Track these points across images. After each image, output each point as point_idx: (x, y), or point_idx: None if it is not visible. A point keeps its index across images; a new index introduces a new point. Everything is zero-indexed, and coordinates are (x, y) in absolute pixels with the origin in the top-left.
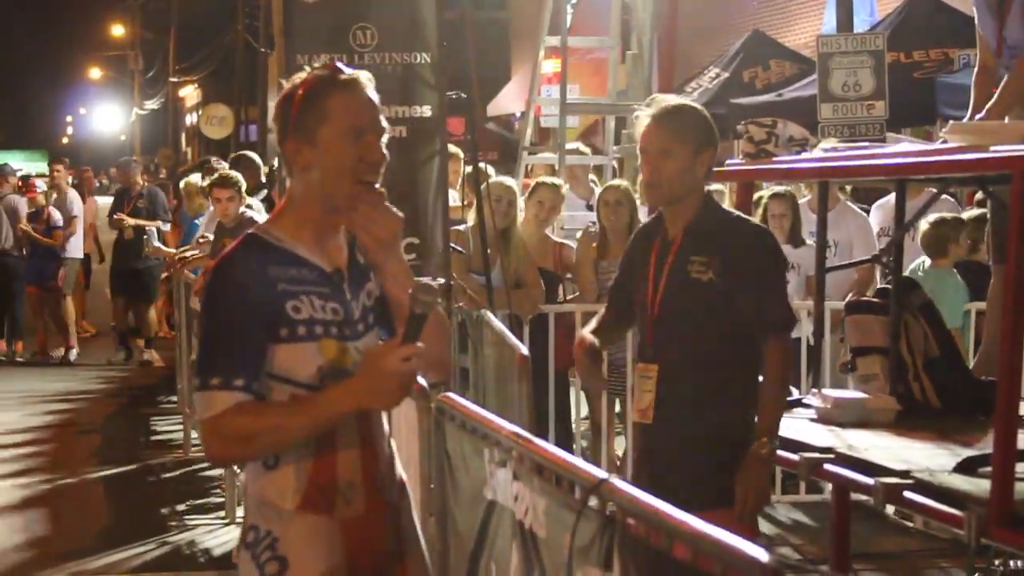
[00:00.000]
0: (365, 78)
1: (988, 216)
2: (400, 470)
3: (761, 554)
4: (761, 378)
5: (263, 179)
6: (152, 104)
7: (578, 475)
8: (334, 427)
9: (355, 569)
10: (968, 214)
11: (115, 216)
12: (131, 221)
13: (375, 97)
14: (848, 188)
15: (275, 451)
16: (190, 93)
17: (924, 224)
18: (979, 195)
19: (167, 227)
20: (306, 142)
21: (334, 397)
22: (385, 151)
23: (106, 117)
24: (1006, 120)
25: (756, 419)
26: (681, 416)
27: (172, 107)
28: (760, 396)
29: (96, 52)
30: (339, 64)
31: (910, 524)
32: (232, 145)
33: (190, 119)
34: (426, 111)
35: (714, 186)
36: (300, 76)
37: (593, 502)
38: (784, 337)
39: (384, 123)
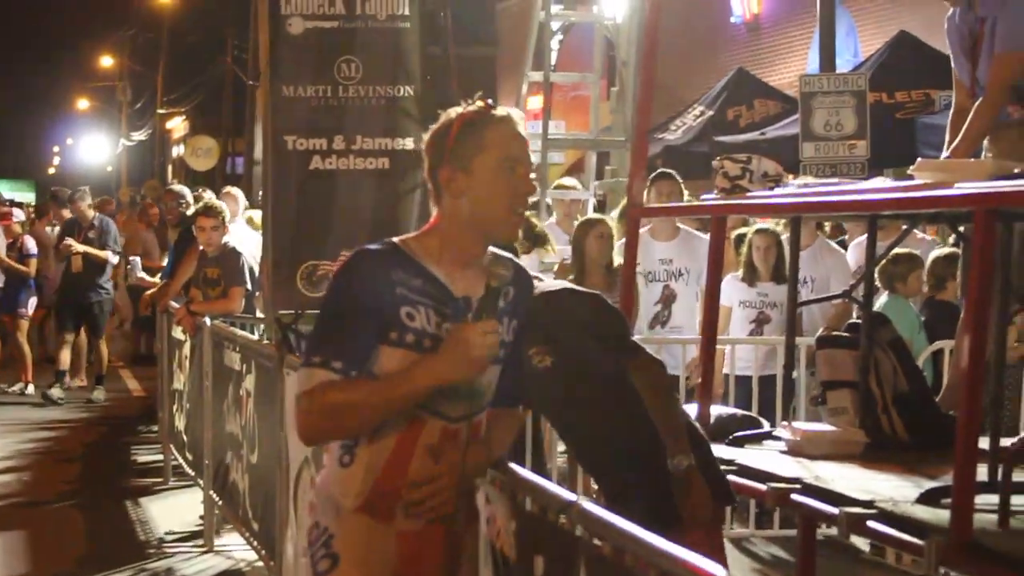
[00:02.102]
0: (517, 115)
1: (960, 254)
2: (481, 500)
3: (719, 571)
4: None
5: (186, 212)
6: (139, 135)
7: (549, 497)
8: (415, 440)
9: None
10: (935, 253)
11: (63, 243)
12: (79, 247)
13: (525, 133)
14: (827, 226)
15: (363, 429)
16: (178, 125)
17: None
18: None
19: (115, 259)
20: (461, 170)
21: (417, 372)
22: (535, 184)
23: (93, 148)
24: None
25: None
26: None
27: (159, 138)
28: (653, 417)
29: (84, 83)
30: (490, 101)
31: (883, 560)
32: (217, 177)
33: (177, 151)
34: (409, 144)
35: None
36: (455, 110)
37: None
38: (638, 357)
39: (533, 159)
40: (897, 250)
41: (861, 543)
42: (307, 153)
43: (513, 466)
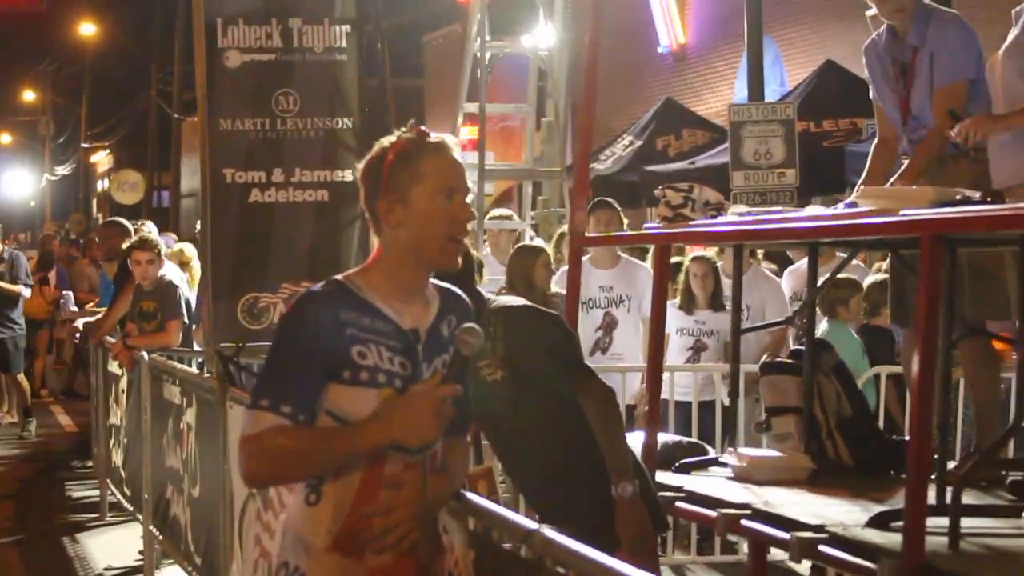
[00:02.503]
0: (452, 142)
1: (889, 281)
2: (443, 533)
3: None
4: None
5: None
6: (63, 169)
7: (509, 526)
8: (379, 476)
9: None
10: (870, 279)
11: None
12: None
13: (460, 159)
14: (760, 254)
15: (305, 477)
16: (102, 159)
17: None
18: (886, 263)
19: (28, 292)
20: (398, 201)
21: (371, 429)
22: (473, 210)
23: (16, 182)
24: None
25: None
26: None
27: (84, 172)
28: (600, 443)
29: (6, 117)
30: (424, 128)
31: None
32: (144, 210)
33: (102, 184)
34: (348, 175)
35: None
36: (388, 140)
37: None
38: (591, 382)
39: (470, 173)
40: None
41: (802, 568)
42: (246, 186)
43: (470, 495)
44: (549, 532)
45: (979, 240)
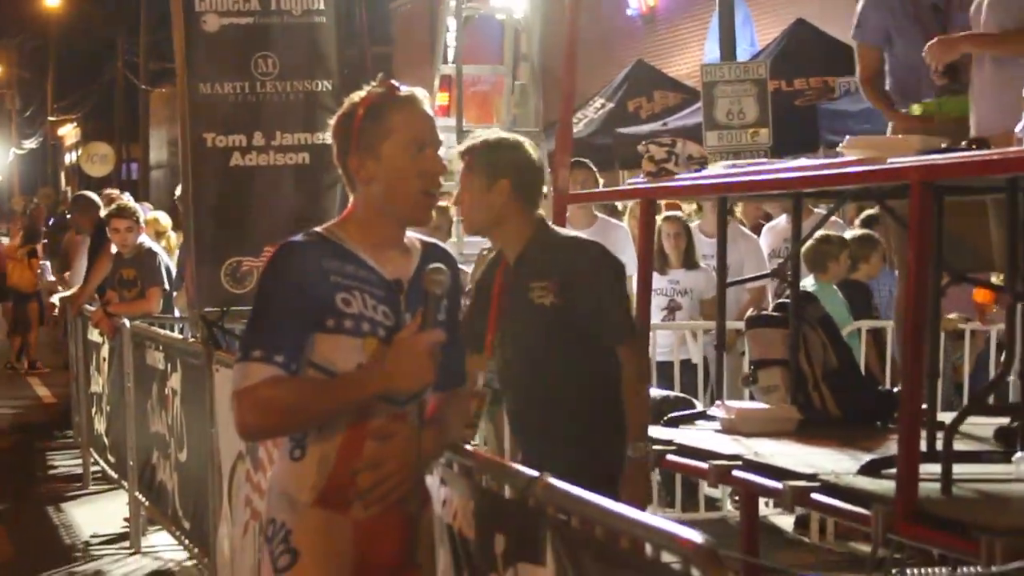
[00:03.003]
0: (422, 95)
1: (884, 235)
2: (428, 483)
3: (695, 535)
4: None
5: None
6: (30, 143)
7: (510, 475)
8: (364, 428)
9: (365, 567)
10: (850, 233)
11: None
12: None
13: (431, 112)
14: (738, 212)
15: (303, 428)
16: (69, 132)
17: (809, 241)
18: (861, 217)
19: None
20: (369, 156)
21: (366, 378)
22: (444, 163)
23: None
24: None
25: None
26: (534, 432)
27: (51, 146)
28: (625, 402)
29: None
30: (394, 82)
31: (806, 539)
32: (114, 182)
33: (70, 157)
34: (328, 138)
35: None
36: (358, 95)
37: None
38: (632, 343)
39: (440, 136)
40: (826, 232)
41: (785, 524)
42: (227, 150)
43: (469, 447)
44: (551, 479)
45: (966, 188)
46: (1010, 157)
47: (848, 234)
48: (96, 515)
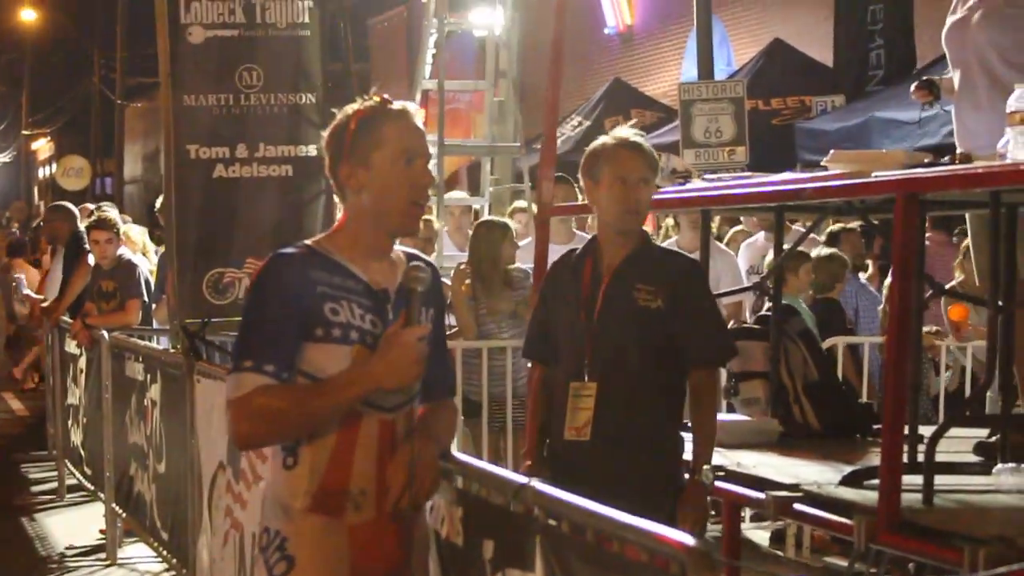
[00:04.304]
0: (413, 109)
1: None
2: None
3: (687, 538)
4: (692, 407)
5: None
6: (3, 157)
7: (499, 481)
8: (355, 435)
9: (360, 572)
10: (816, 252)
11: None
12: None
13: (422, 125)
14: (714, 227)
15: (297, 433)
16: (43, 146)
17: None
18: (826, 232)
19: None
20: (360, 166)
21: (355, 377)
22: (434, 175)
23: None
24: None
25: (693, 447)
26: (619, 433)
27: (24, 160)
28: (697, 426)
29: None
30: (386, 96)
31: (781, 554)
32: (88, 197)
33: (43, 172)
34: (311, 151)
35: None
36: (352, 107)
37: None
38: (717, 370)
39: (431, 150)
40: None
41: (760, 539)
42: (210, 162)
43: (457, 454)
44: (539, 485)
45: (950, 202)
46: (994, 171)
47: (815, 252)
48: (71, 527)
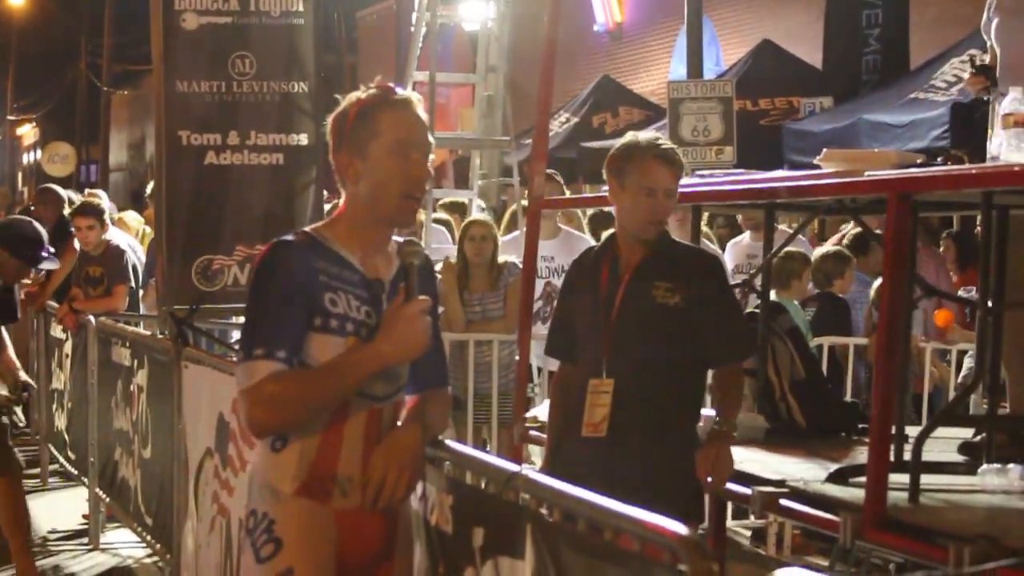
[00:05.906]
0: (416, 99)
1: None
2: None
3: (679, 527)
4: (718, 392)
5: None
6: None
7: (490, 469)
8: (344, 422)
9: (345, 558)
10: (819, 250)
11: None
12: None
13: (424, 117)
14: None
15: (310, 418)
16: (27, 131)
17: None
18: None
19: None
20: (357, 155)
21: (363, 357)
22: (431, 169)
23: None
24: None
25: (718, 411)
26: (636, 431)
27: (9, 145)
28: (722, 399)
29: None
30: (391, 85)
31: (762, 552)
32: (73, 184)
33: (27, 157)
34: (303, 139)
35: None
36: (356, 94)
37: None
38: (742, 361)
39: (431, 141)
40: (790, 249)
41: (742, 538)
42: (202, 148)
43: (449, 442)
44: (530, 473)
45: (942, 203)
46: (986, 172)
47: (819, 250)
48: (54, 511)
